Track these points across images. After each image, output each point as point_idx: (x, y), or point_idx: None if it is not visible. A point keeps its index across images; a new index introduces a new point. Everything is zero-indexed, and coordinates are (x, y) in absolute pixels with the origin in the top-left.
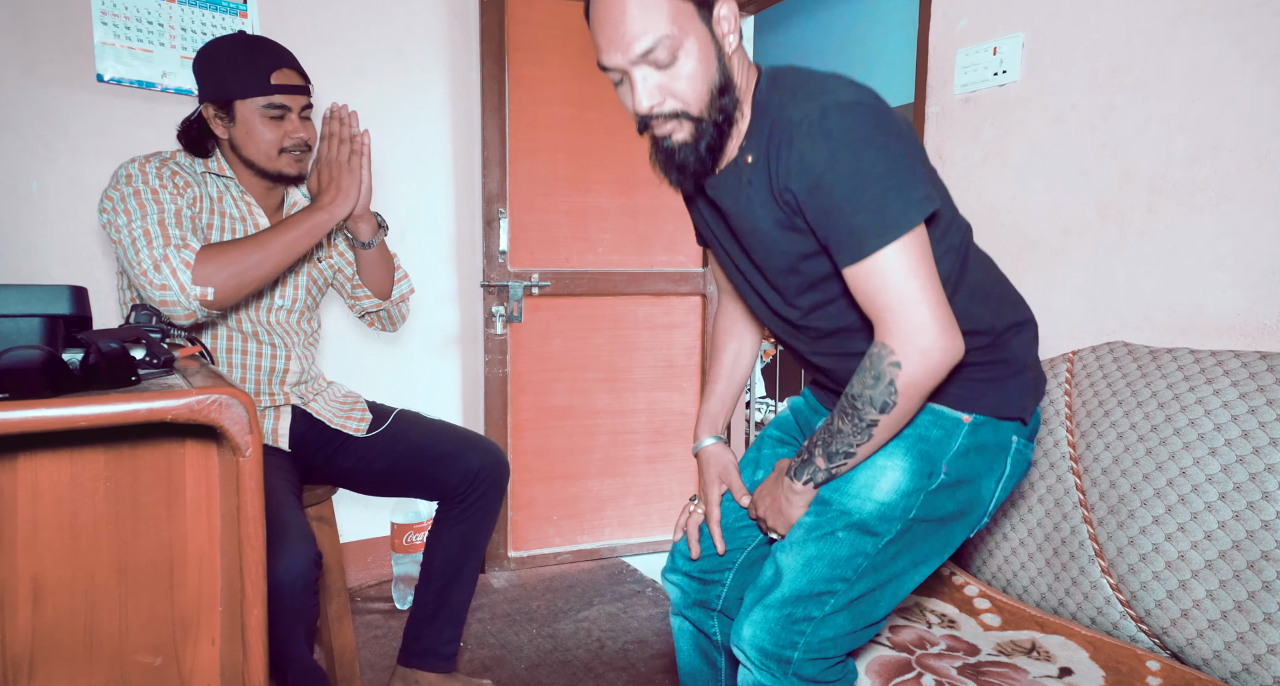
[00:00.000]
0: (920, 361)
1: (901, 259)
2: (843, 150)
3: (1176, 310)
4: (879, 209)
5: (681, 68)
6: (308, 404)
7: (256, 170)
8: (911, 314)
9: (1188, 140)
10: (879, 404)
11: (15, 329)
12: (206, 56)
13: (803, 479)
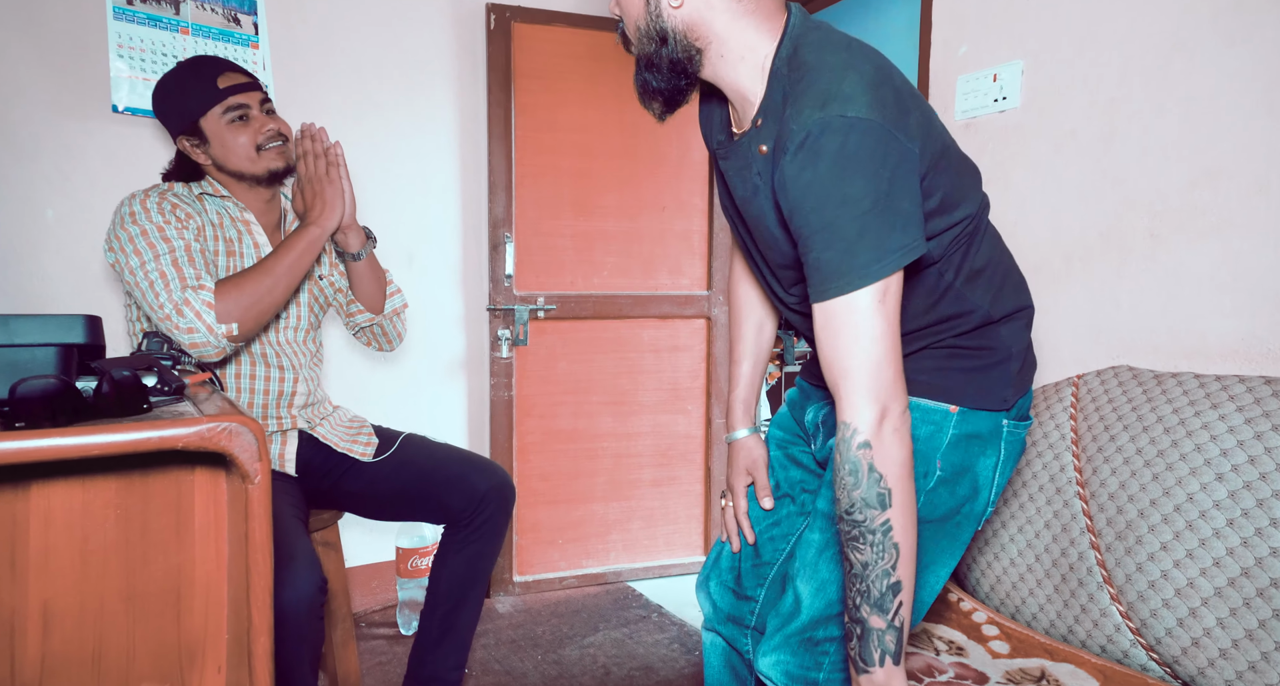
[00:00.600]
0: (883, 434)
1: (864, 311)
2: (829, 177)
3: (1180, 335)
4: (849, 252)
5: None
6: (314, 428)
7: (247, 178)
8: (877, 376)
9: (1187, 167)
10: (874, 500)
11: (31, 358)
12: (158, 95)
13: (872, 659)
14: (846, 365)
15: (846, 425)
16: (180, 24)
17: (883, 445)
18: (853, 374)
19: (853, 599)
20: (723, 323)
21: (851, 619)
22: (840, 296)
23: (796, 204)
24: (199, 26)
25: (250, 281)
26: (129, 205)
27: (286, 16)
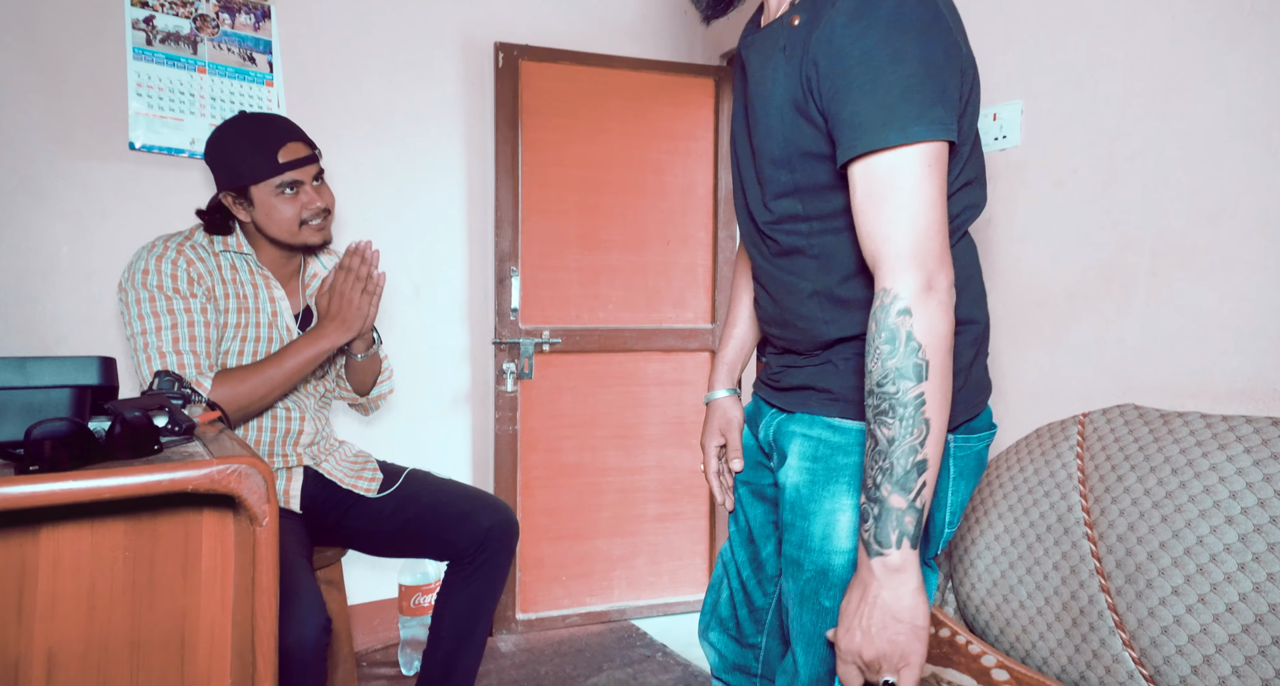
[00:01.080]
0: (927, 303)
1: (911, 172)
2: (881, 29)
3: (1186, 374)
4: (890, 106)
5: None
6: (319, 464)
7: (282, 245)
8: (923, 243)
9: (1188, 207)
10: (910, 371)
11: (46, 400)
12: (215, 146)
13: (888, 540)
14: (889, 231)
15: (886, 291)
16: (198, 63)
17: (925, 314)
18: (896, 239)
19: (872, 477)
20: None
21: (869, 498)
22: (884, 153)
23: (838, 56)
24: (215, 65)
25: (249, 382)
26: (145, 259)
27: (300, 55)
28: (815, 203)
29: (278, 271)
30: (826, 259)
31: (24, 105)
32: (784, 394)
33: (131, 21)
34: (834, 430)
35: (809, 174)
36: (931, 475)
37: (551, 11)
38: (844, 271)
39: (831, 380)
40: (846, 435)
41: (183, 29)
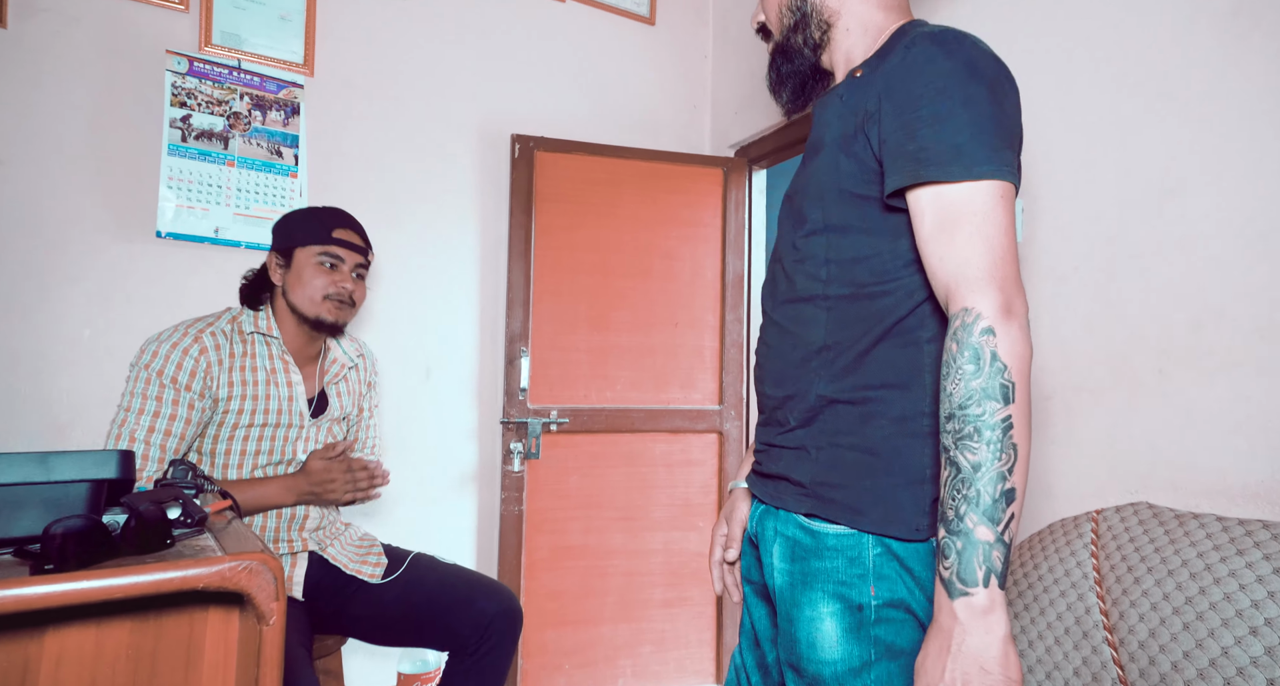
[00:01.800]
0: (1010, 325)
1: (989, 202)
2: (953, 72)
3: (1199, 473)
4: (960, 144)
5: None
6: (325, 549)
7: (299, 315)
8: (1000, 268)
9: (1190, 307)
10: (996, 392)
11: (65, 494)
12: (283, 219)
13: (972, 577)
14: (966, 255)
15: (968, 311)
16: (228, 157)
17: (1008, 335)
18: (974, 262)
19: (955, 507)
20: (735, 437)
21: (949, 532)
22: (949, 184)
23: (908, 90)
24: (244, 159)
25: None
26: (159, 343)
27: (325, 146)
28: (839, 245)
29: (299, 355)
30: (838, 314)
31: (64, 193)
32: (765, 482)
33: (170, 120)
34: (805, 532)
35: (840, 212)
36: (1019, 507)
37: (565, 104)
38: (853, 332)
39: (805, 470)
40: (818, 539)
41: (216, 126)
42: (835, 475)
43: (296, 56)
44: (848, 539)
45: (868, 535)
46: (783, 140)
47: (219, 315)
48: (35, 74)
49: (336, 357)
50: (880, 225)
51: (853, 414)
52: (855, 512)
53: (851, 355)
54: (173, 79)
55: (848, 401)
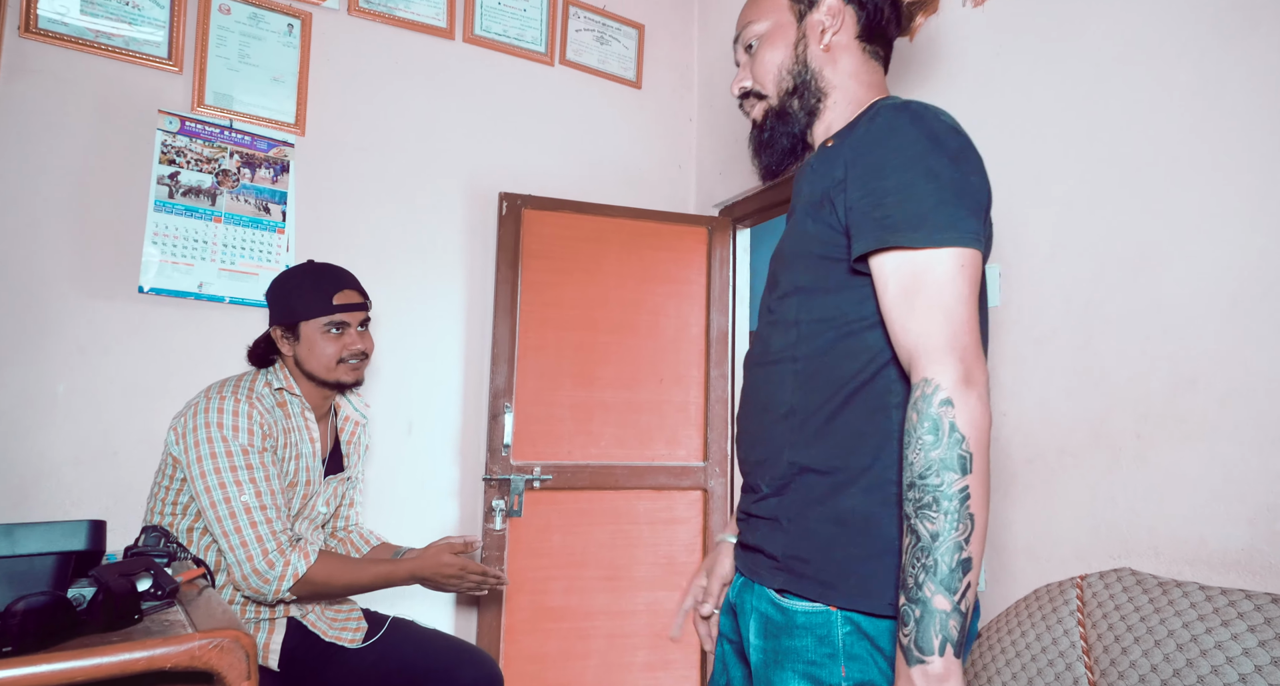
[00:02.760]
0: (968, 396)
1: (950, 270)
2: (915, 143)
3: (1180, 539)
4: (923, 212)
5: (760, 54)
6: (304, 615)
7: (317, 381)
8: (959, 337)
9: (1165, 373)
10: (954, 463)
11: (30, 568)
12: (280, 285)
13: (929, 646)
14: (926, 325)
15: (927, 381)
16: (215, 214)
17: (967, 406)
18: (935, 333)
19: (914, 576)
20: (719, 494)
21: (909, 599)
22: (913, 250)
23: (874, 159)
24: (232, 215)
25: (350, 575)
26: (214, 411)
27: (313, 202)
28: (808, 306)
29: (315, 411)
30: (805, 376)
31: (46, 249)
32: (744, 555)
33: (157, 177)
34: (777, 608)
35: (808, 275)
36: (975, 576)
37: (553, 163)
38: (819, 395)
39: (777, 542)
40: (789, 616)
41: (204, 183)
42: (807, 547)
43: (288, 116)
44: (817, 617)
45: (837, 613)
46: (766, 200)
47: (251, 377)
48: (24, 132)
49: (349, 415)
50: (846, 288)
51: (824, 483)
52: (826, 586)
53: (820, 419)
54: (163, 137)
55: (818, 470)
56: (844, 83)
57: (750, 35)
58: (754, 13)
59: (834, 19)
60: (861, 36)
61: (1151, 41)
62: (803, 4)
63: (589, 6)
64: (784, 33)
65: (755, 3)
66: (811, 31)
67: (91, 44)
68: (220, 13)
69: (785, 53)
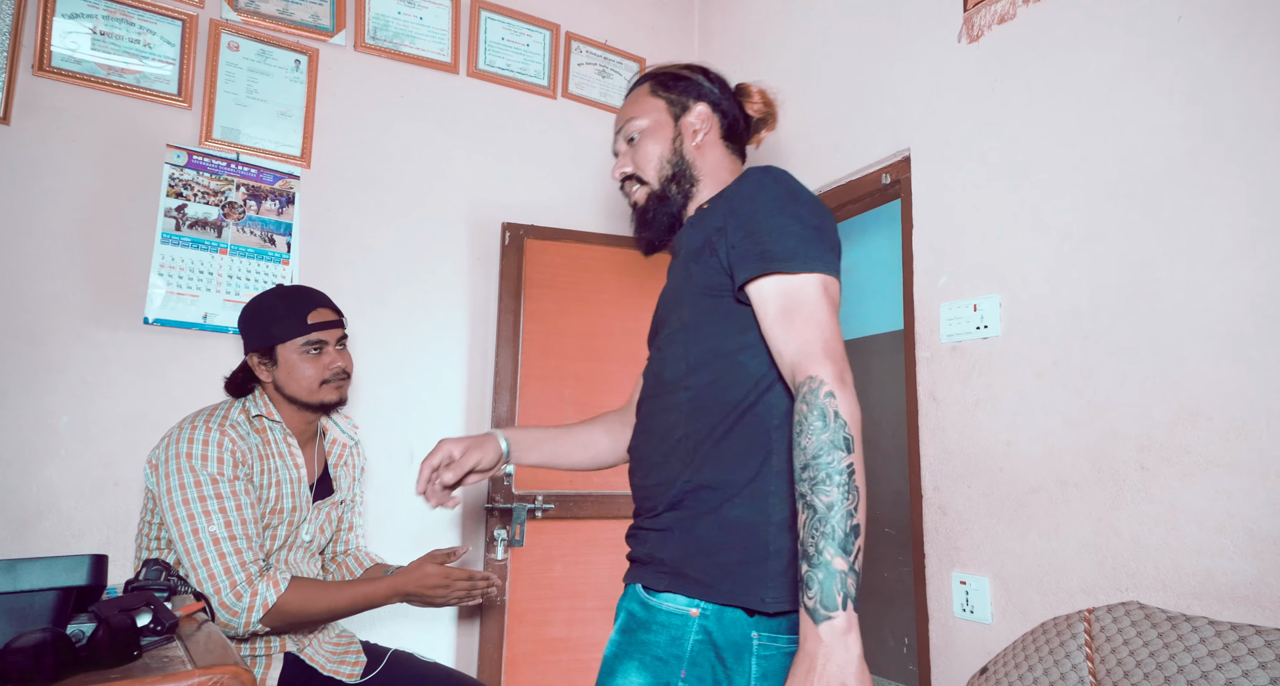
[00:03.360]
0: (845, 390)
1: (814, 293)
2: (783, 196)
3: (1186, 573)
4: (793, 247)
5: (642, 146)
6: (302, 650)
7: (300, 404)
8: (832, 346)
9: (1166, 405)
10: (840, 443)
11: (30, 604)
12: (251, 312)
13: (834, 603)
14: (806, 335)
15: (813, 379)
16: (221, 246)
17: (846, 399)
18: (813, 342)
19: (814, 543)
20: None
21: (810, 566)
22: (789, 275)
23: (752, 207)
24: (238, 247)
25: (326, 599)
26: (184, 442)
27: (318, 233)
28: (696, 339)
29: (299, 436)
30: (695, 405)
31: (53, 282)
32: (631, 568)
33: (165, 209)
34: (642, 606)
35: (693, 312)
36: (863, 541)
37: (556, 194)
38: (710, 420)
39: (668, 549)
40: (651, 613)
41: (211, 215)
42: (694, 551)
43: (294, 149)
44: (676, 618)
45: (695, 620)
46: None
47: (227, 406)
48: (34, 168)
49: (336, 438)
50: (727, 319)
51: (715, 497)
52: (708, 586)
53: (711, 441)
54: (171, 171)
55: (710, 486)
56: (711, 171)
57: (632, 129)
58: (635, 110)
59: (703, 123)
60: (724, 137)
61: (1147, 73)
62: (677, 108)
63: (591, 41)
64: (663, 130)
65: (636, 102)
66: (686, 131)
67: (103, 81)
68: (229, 50)
69: (665, 146)
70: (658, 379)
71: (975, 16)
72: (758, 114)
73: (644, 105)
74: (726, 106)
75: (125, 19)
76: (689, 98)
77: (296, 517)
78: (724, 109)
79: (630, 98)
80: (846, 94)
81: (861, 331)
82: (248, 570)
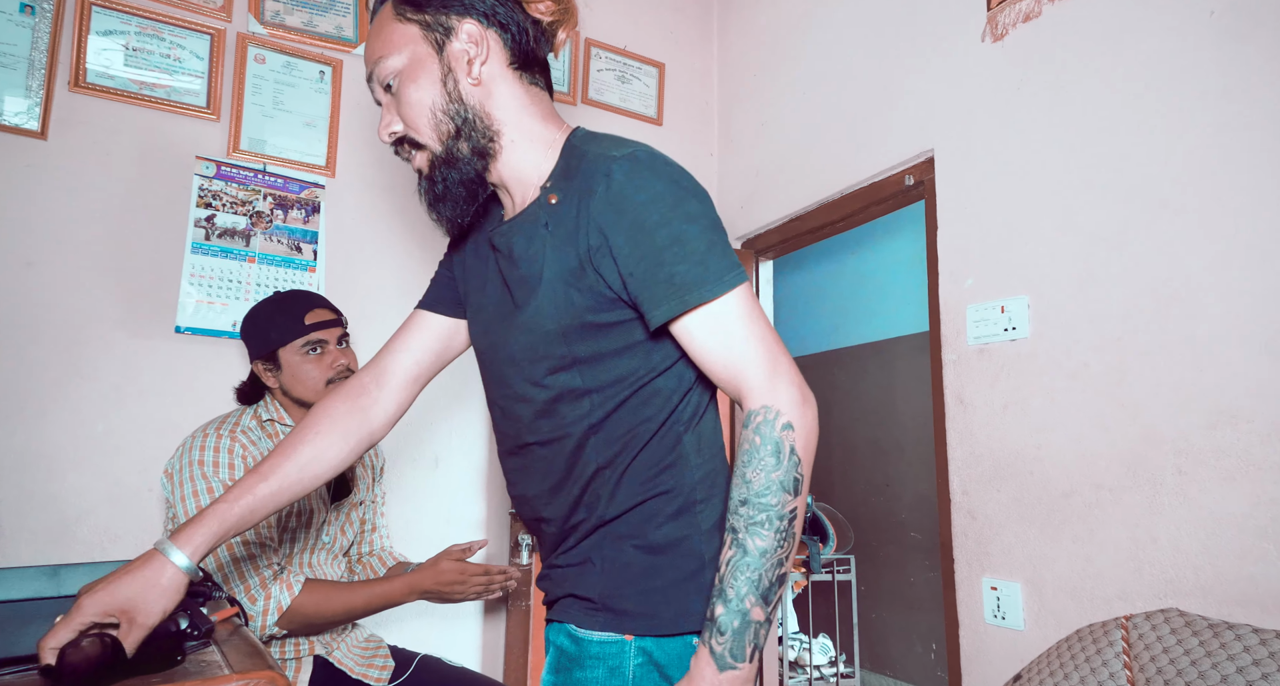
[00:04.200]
0: (805, 415)
1: (746, 305)
2: (669, 194)
3: (1227, 579)
4: (703, 262)
5: (404, 94)
6: (331, 653)
7: (308, 406)
8: (779, 360)
9: (1203, 408)
10: (790, 484)
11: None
12: (249, 322)
13: (744, 653)
14: (749, 356)
15: (768, 408)
16: (249, 254)
17: (804, 428)
18: (760, 362)
19: (735, 588)
20: None
21: (727, 609)
22: (711, 301)
23: (635, 222)
24: (265, 255)
25: (338, 600)
26: (196, 449)
27: (342, 241)
28: (597, 373)
29: None
30: (606, 435)
31: (87, 292)
32: (552, 606)
33: (195, 220)
34: (571, 640)
35: (589, 344)
36: (784, 590)
37: None
38: (619, 446)
39: (591, 584)
40: (582, 647)
41: (239, 225)
42: (623, 581)
43: (319, 159)
44: (611, 646)
45: (631, 643)
46: (789, 232)
47: (239, 412)
48: (70, 181)
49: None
50: (630, 348)
51: (634, 518)
52: (651, 618)
53: (623, 466)
54: (200, 182)
55: (628, 508)
56: (514, 118)
57: (386, 72)
58: (383, 47)
59: (477, 47)
60: (514, 64)
61: (1179, 68)
62: (438, 32)
63: (610, 47)
64: (425, 67)
65: (381, 33)
66: (457, 63)
67: (135, 95)
68: (256, 62)
69: (434, 91)
70: (548, 421)
71: (999, 15)
72: (548, 15)
73: (391, 36)
74: (505, 16)
75: (156, 34)
76: (448, 14)
77: (315, 520)
78: (501, 20)
79: (374, 27)
80: (868, 95)
81: (884, 333)
82: (261, 574)
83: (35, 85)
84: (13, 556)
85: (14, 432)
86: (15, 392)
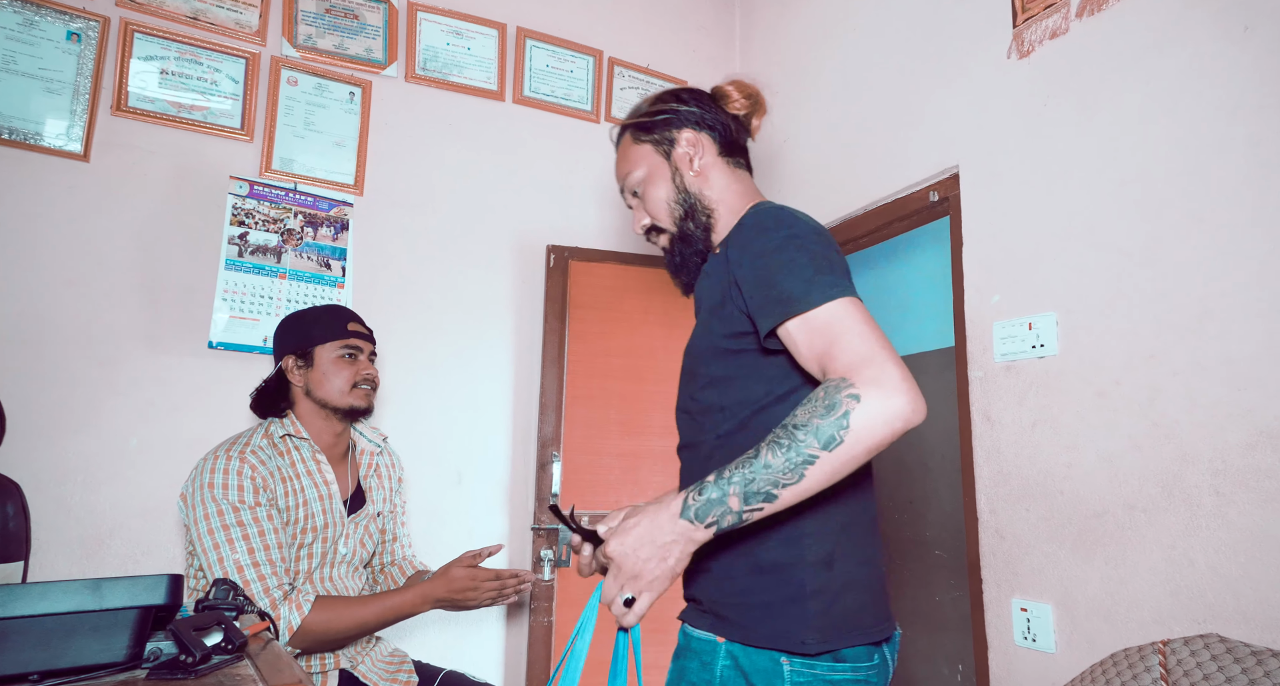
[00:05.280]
0: (882, 401)
1: (848, 311)
2: (784, 230)
3: (1271, 604)
4: (810, 280)
5: (647, 195)
6: (356, 667)
7: (330, 408)
8: (877, 354)
9: (1241, 428)
10: (824, 437)
11: (113, 622)
12: (292, 319)
13: (705, 518)
14: (842, 347)
15: (844, 379)
16: (280, 271)
17: (873, 410)
18: (852, 351)
19: (732, 472)
20: None
21: (717, 478)
22: (812, 310)
23: (754, 254)
24: (295, 271)
25: (353, 615)
26: (206, 472)
27: (370, 258)
28: (727, 392)
29: (329, 452)
30: (727, 449)
31: (124, 310)
32: (686, 607)
33: (228, 237)
34: (684, 634)
35: (721, 366)
36: (770, 511)
37: (599, 215)
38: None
39: (704, 589)
40: (688, 640)
41: (271, 242)
42: (730, 592)
43: (348, 178)
44: (706, 644)
45: (722, 645)
46: None
47: (250, 432)
48: (110, 200)
49: (364, 448)
50: (754, 372)
51: (748, 540)
52: (744, 629)
53: None
54: (234, 201)
55: (741, 531)
56: (721, 196)
57: (633, 183)
58: (628, 165)
59: (695, 148)
60: (722, 153)
61: (1210, 84)
62: (665, 145)
63: (632, 65)
64: (660, 172)
65: (626, 157)
66: (681, 163)
67: (173, 118)
68: (288, 84)
69: (667, 188)
70: (696, 428)
71: (1025, 32)
72: (742, 110)
73: (633, 156)
74: (711, 119)
75: (194, 59)
76: (670, 130)
77: (331, 533)
78: (709, 123)
79: (619, 153)
80: (892, 112)
81: (908, 349)
82: (271, 595)
83: (80, 109)
84: (49, 569)
85: (51, 446)
86: (53, 407)
